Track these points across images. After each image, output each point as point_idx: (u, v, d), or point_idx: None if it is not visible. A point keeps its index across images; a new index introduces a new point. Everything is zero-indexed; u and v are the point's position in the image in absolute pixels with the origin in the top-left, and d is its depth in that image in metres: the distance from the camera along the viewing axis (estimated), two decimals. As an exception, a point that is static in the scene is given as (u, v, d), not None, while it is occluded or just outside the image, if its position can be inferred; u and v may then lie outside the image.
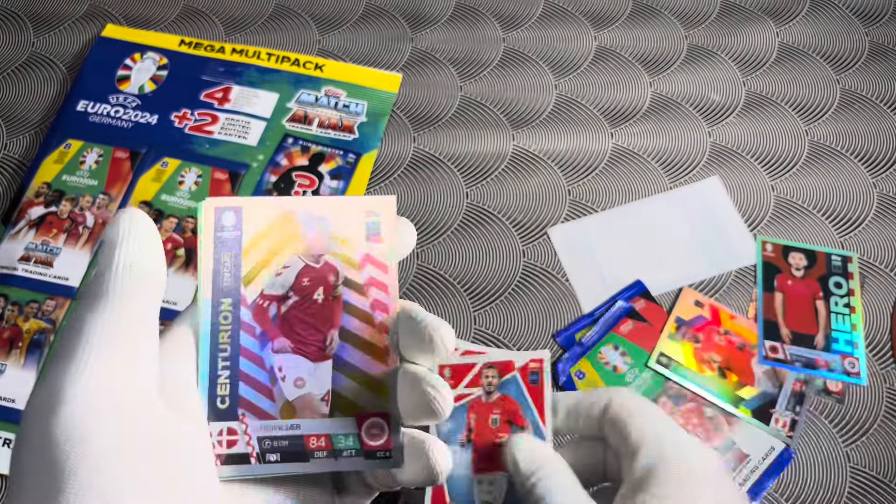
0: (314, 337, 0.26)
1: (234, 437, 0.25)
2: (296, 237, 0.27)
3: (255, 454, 0.25)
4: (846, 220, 0.61)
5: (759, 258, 0.59)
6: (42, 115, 0.65)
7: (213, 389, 0.25)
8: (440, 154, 0.64)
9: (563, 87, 0.68)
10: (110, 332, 0.22)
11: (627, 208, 0.61)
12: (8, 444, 0.51)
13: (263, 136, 0.63)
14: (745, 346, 0.56)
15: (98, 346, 0.22)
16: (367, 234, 0.27)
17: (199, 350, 0.25)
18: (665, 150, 0.64)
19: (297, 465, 0.25)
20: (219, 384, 0.25)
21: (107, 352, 0.22)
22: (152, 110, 0.64)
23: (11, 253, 0.57)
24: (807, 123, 0.66)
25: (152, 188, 0.60)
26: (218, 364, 0.26)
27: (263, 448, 0.25)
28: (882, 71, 0.68)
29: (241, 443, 0.25)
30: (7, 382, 0.53)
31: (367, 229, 0.27)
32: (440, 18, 0.71)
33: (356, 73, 0.67)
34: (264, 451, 0.25)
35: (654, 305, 0.57)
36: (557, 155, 0.64)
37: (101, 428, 0.20)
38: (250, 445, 0.25)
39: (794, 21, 0.71)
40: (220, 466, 0.25)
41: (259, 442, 0.25)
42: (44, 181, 0.60)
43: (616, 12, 0.72)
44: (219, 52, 0.67)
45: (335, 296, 0.27)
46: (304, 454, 0.26)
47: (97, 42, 0.68)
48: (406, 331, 0.26)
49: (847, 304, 0.57)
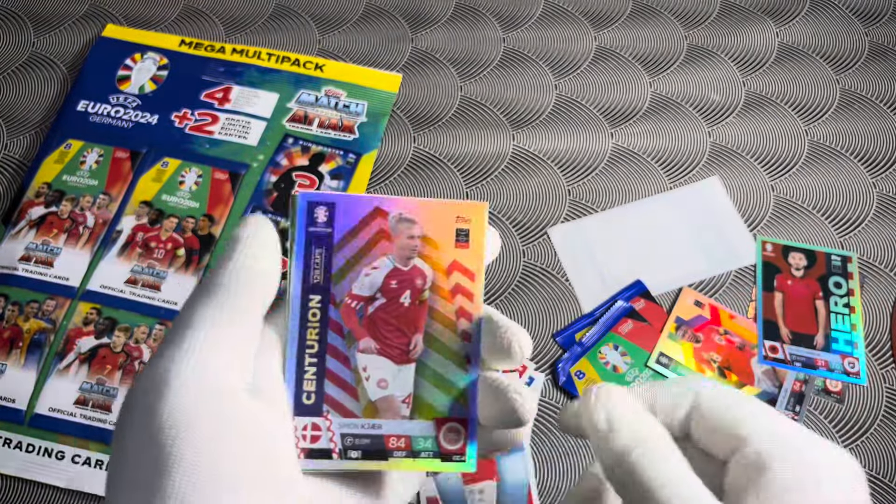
0: (399, 340, 0.27)
1: (318, 433, 0.26)
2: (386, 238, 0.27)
3: (338, 450, 0.26)
4: (846, 220, 0.61)
5: (758, 258, 0.59)
6: (42, 116, 0.65)
7: (299, 385, 0.26)
8: (440, 154, 0.64)
9: (563, 87, 0.68)
10: (218, 324, 0.23)
11: (627, 208, 0.61)
12: (8, 445, 0.52)
13: (264, 136, 0.63)
14: (745, 345, 0.56)
15: (205, 335, 0.23)
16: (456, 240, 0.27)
17: (287, 345, 0.26)
18: (665, 150, 0.64)
19: (376, 463, 0.26)
20: (305, 380, 0.26)
21: (212, 341, 0.23)
22: (152, 110, 0.64)
23: (12, 253, 0.57)
24: (806, 123, 0.66)
25: (153, 188, 0.60)
26: (305, 360, 0.26)
27: (345, 445, 0.26)
28: (882, 71, 0.68)
29: (325, 438, 0.26)
30: (7, 382, 0.53)
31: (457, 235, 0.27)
32: (440, 18, 0.71)
33: (356, 73, 0.67)
34: (346, 448, 0.26)
35: (654, 305, 0.57)
36: (557, 155, 0.64)
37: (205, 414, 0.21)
38: (333, 441, 0.26)
39: (794, 21, 0.71)
40: (302, 459, 0.26)
41: (342, 438, 0.26)
42: (44, 181, 0.60)
43: (616, 12, 0.72)
44: (219, 52, 0.67)
45: (422, 300, 0.27)
46: (383, 452, 0.26)
47: (97, 42, 0.68)
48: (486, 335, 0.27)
49: (847, 303, 0.57)
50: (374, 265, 0.27)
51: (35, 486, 0.51)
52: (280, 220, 0.59)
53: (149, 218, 0.59)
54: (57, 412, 0.52)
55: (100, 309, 0.56)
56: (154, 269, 0.57)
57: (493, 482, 0.49)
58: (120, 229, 0.58)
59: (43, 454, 0.51)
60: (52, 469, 0.51)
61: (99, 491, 0.51)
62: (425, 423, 0.27)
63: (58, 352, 0.54)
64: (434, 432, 0.27)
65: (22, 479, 0.51)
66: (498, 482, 0.50)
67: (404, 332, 0.27)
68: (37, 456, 0.51)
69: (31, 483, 0.51)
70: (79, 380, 0.53)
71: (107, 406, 0.52)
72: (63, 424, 0.52)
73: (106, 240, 0.58)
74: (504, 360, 0.26)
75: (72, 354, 0.54)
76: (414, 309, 0.27)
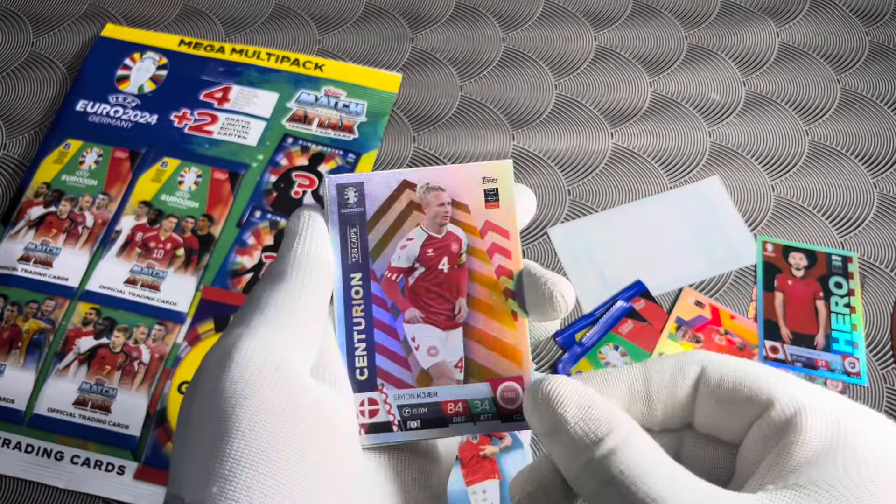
0: (443, 306, 0.27)
1: (376, 407, 0.26)
2: (417, 209, 0.27)
3: (397, 422, 0.26)
4: (846, 220, 0.61)
5: (759, 258, 0.59)
6: (41, 115, 0.65)
7: (351, 362, 0.26)
8: (440, 154, 0.64)
9: (563, 87, 0.68)
10: (281, 306, 0.24)
11: (627, 208, 0.61)
12: (7, 445, 0.51)
13: (263, 135, 0.63)
14: (746, 346, 0.56)
15: (269, 316, 0.24)
16: (486, 200, 0.27)
17: (336, 325, 0.27)
18: (665, 150, 0.64)
19: (438, 431, 0.26)
20: (356, 356, 0.27)
21: (275, 322, 0.24)
22: (152, 110, 0.64)
23: (11, 253, 0.57)
24: (807, 123, 0.66)
25: (152, 188, 0.60)
26: (354, 337, 0.27)
27: (404, 416, 0.26)
28: (882, 71, 0.68)
29: (383, 412, 0.26)
30: (6, 383, 0.53)
31: (486, 195, 0.27)
32: (440, 18, 0.71)
33: (356, 73, 0.67)
34: (405, 419, 0.26)
35: (654, 305, 0.57)
36: (557, 155, 0.64)
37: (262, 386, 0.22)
38: (391, 414, 0.26)
39: (795, 21, 0.71)
40: (363, 435, 0.26)
41: (399, 410, 0.26)
42: (43, 181, 0.60)
43: (616, 12, 0.72)
44: (218, 51, 0.67)
45: (460, 264, 0.27)
46: (443, 420, 0.26)
47: (97, 42, 0.68)
48: (528, 288, 0.27)
49: (847, 304, 0.57)
50: (408, 237, 0.27)
51: (34, 486, 0.51)
52: (280, 220, 0.59)
53: (148, 218, 0.59)
54: (56, 412, 0.52)
55: (99, 309, 0.55)
56: (153, 269, 0.57)
57: (496, 480, 0.49)
58: (119, 229, 0.58)
59: (42, 455, 0.51)
60: (52, 469, 0.51)
61: (98, 492, 0.51)
62: (481, 386, 0.27)
63: (57, 352, 0.54)
64: (491, 393, 0.27)
65: (21, 479, 0.51)
66: (500, 480, 0.50)
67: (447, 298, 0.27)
68: (36, 456, 0.51)
69: (31, 483, 0.51)
70: (78, 380, 0.53)
71: (106, 406, 0.52)
72: (62, 425, 0.52)
73: (105, 240, 0.58)
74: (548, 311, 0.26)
75: (71, 355, 0.54)
76: (453, 274, 0.27)
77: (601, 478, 0.21)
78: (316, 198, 0.60)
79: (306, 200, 0.60)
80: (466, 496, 0.45)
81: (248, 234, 0.59)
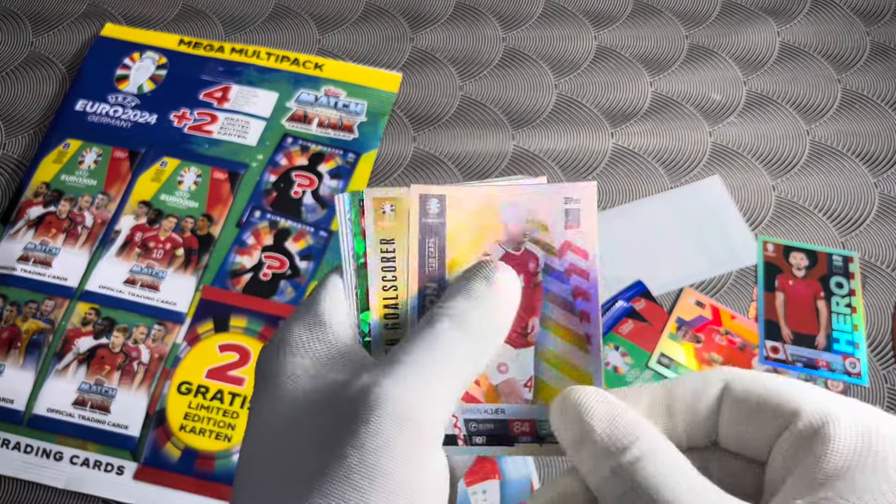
0: (516, 324, 0.27)
1: None
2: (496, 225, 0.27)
3: (463, 436, 0.26)
4: (847, 220, 0.61)
5: (760, 258, 0.59)
6: (41, 115, 0.65)
7: None
8: (440, 154, 0.64)
9: (564, 87, 0.67)
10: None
11: (628, 208, 0.61)
12: (6, 445, 0.51)
13: (263, 135, 0.63)
14: (746, 346, 0.55)
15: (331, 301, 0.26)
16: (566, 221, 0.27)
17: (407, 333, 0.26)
18: (665, 150, 0.64)
19: (501, 448, 0.26)
20: None
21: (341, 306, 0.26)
22: (151, 110, 0.64)
23: (10, 253, 0.57)
24: (808, 123, 0.66)
25: (151, 188, 0.60)
26: None
27: (470, 430, 0.26)
28: (883, 70, 0.68)
29: (449, 425, 0.26)
30: (5, 383, 0.53)
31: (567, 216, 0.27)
32: (440, 18, 0.71)
33: (356, 73, 0.67)
34: (471, 434, 0.26)
35: (655, 305, 0.57)
36: (557, 155, 0.64)
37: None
38: (458, 427, 0.26)
39: (796, 21, 0.71)
40: None
41: (466, 424, 0.26)
42: (43, 181, 0.60)
43: (617, 12, 0.72)
44: (218, 51, 0.67)
45: (536, 283, 0.27)
46: (509, 437, 0.26)
47: (96, 41, 0.67)
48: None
49: (848, 304, 0.57)
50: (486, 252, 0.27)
51: (33, 486, 0.51)
52: (279, 220, 0.59)
53: (147, 218, 0.59)
54: (55, 413, 0.52)
55: (98, 309, 0.55)
56: (153, 269, 0.57)
57: (496, 480, 0.49)
58: (118, 229, 0.58)
59: (41, 455, 0.51)
60: (51, 470, 0.51)
61: (98, 492, 0.50)
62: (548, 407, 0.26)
63: (56, 352, 0.54)
64: None
65: (20, 479, 0.51)
66: (500, 480, 0.50)
67: (521, 316, 0.27)
68: (35, 457, 0.51)
69: (30, 484, 0.51)
70: (77, 380, 0.53)
71: (105, 406, 0.52)
72: (61, 425, 0.52)
73: (104, 240, 0.58)
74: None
75: (70, 355, 0.54)
76: (528, 292, 0.27)
77: (627, 484, 0.20)
78: (316, 198, 0.60)
79: (306, 200, 0.60)
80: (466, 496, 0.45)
81: (247, 234, 0.59)
